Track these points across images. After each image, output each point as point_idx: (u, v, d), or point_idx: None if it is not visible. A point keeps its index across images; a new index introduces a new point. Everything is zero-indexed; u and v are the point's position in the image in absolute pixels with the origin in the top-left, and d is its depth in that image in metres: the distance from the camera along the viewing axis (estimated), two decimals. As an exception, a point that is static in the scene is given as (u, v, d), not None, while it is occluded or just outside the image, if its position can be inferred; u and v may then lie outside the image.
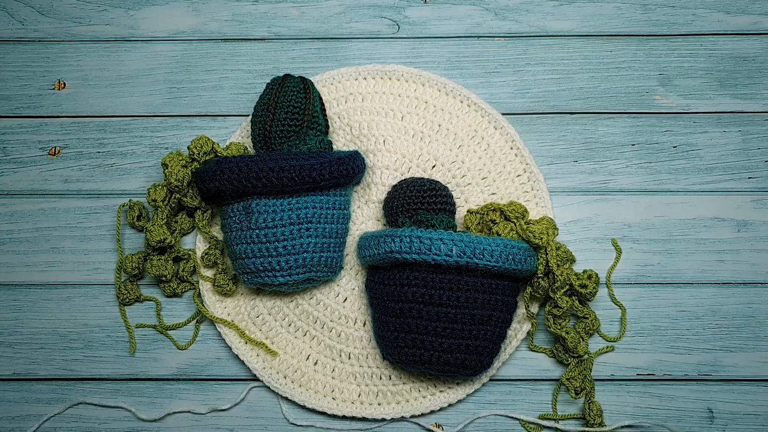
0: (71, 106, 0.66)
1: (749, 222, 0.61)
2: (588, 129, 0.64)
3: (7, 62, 0.67)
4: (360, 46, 0.67)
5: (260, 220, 0.55)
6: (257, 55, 0.67)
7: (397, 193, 0.58)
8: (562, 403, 0.57)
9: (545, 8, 0.68)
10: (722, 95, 0.65)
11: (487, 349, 0.54)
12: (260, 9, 0.69)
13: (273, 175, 0.54)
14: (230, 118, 0.65)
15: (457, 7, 0.68)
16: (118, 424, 0.57)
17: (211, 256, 0.60)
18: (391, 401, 0.57)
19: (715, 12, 0.67)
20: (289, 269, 0.55)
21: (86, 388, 0.58)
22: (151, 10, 0.69)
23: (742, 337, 0.58)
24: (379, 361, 0.58)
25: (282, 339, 0.59)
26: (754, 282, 0.60)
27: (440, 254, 0.52)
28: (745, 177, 0.62)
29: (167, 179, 0.58)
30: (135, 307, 0.60)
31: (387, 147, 0.62)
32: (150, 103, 0.66)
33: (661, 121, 0.64)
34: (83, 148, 0.65)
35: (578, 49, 0.66)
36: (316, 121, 0.59)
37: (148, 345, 0.60)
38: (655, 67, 0.66)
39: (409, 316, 0.53)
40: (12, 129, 0.65)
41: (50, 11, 0.69)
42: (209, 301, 0.59)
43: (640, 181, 0.62)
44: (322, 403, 0.57)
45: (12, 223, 0.62)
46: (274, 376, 0.58)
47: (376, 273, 0.57)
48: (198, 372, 0.59)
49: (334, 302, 0.59)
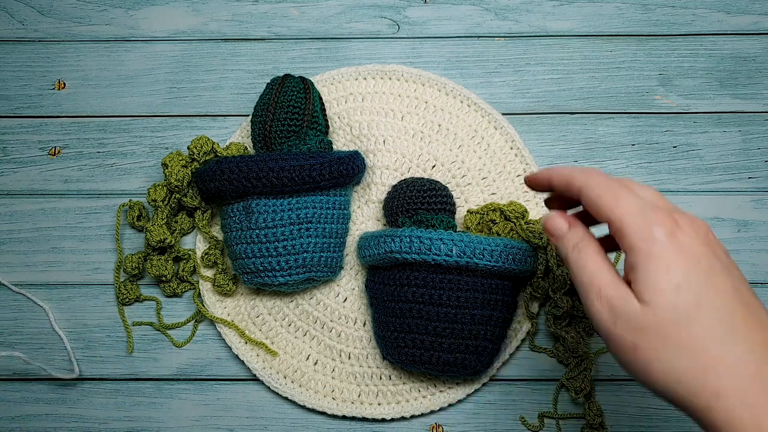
0: (71, 106, 0.66)
1: (749, 222, 0.61)
2: (588, 129, 0.64)
3: (7, 62, 0.67)
4: (360, 46, 0.67)
5: (260, 220, 0.55)
6: (257, 55, 0.67)
7: (397, 193, 0.58)
8: (562, 403, 0.57)
9: (545, 8, 0.68)
10: (722, 95, 0.65)
11: (487, 349, 0.54)
12: (260, 9, 0.69)
13: (273, 175, 0.54)
14: (230, 118, 0.65)
15: (457, 7, 0.68)
16: (118, 423, 0.58)
17: (211, 256, 0.60)
18: (391, 401, 0.57)
19: (715, 12, 0.67)
20: (289, 269, 0.55)
21: (86, 388, 0.58)
22: (151, 10, 0.69)
23: (742, 337, 0.58)
24: (379, 361, 0.58)
25: (282, 339, 0.59)
26: (754, 282, 0.60)
27: (440, 254, 0.52)
28: (745, 177, 0.62)
29: (167, 179, 0.58)
30: (135, 307, 0.60)
31: (387, 147, 0.62)
32: (150, 103, 0.66)
33: (661, 121, 0.64)
34: (83, 148, 0.65)
35: (578, 49, 0.67)
36: (316, 121, 0.59)
37: (148, 345, 0.60)
38: (655, 67, 0.66)
39: (409, 316, 0.53)
40: (12, 129, 0.65)
41: (50, 11, 0.69)
42: (209, 301, 0.59)
43: (640, 181, 0.62)
44: (322, 403, 0.57)
45: (12, 223, 0.62)
46: (274, 376, 0.58)
47: (376, 273, 0.57)
48: (198, 372, 0.59)
49: (334, 302, 0.59)
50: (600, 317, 0.37)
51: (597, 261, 0.38)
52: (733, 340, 0.34)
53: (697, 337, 0.34)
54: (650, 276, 0.35)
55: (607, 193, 0.37)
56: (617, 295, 0.36)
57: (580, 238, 0.39)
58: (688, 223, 0.37)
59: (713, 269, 0.35)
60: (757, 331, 0.34)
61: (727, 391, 0.33)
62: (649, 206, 0.37)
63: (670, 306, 0.34)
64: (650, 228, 0.36)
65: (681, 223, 0.36)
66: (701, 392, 0.33)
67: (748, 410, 0.32)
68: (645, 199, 0.38)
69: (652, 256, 0.35)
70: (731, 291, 0.35)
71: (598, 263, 0.38)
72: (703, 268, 0.35)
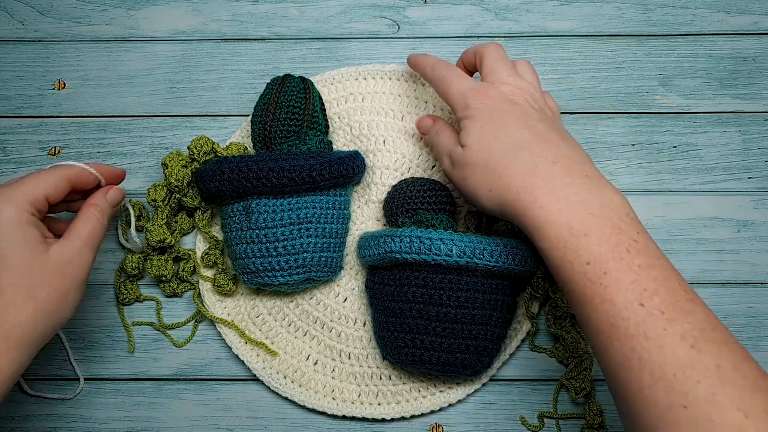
0: (71, 106, 0.66)
1: (749, 222, 0.61)
2: (588, 129, 0.64)
3: (7, 62, 0.67)
4: (360, 46, 0.67)
5: (260, 220, 0.55)
6: (257, 55, 0.67)
7: (397, 193, 0.58)
8: (562, 403, 0.57)
9: (545, 8, 0.68)
10: (722, 95, 0.65)
11: (487, 349, 0.54)
12: (260, 9, 0.69)
13: (273, 175, 0.54)
14: (230, 118, 0.65)
15: (457, 7, 0.68)
16: (118, 423, 0.58)
17: (211, 256, 0.60)
18: (391, 401, 0.57)
19: (715, 12, 0.67)
20: (289, 269, 0.55)
21: (86, 388, 0.58)
22: (151, 10, 0.69)
23: (742, 337, 0.58)
24: (379, 361, 0.58)
25: (282, 339, 0.59)
26: (754, 282, 0.60)
27: (440, 254, 0.52)
28: (745, 177, 0.62)
29: (167, 179, 0.58)
30: (135, 307, 0.60)
31: (387, 147, 0.62)
32: (150, 103, 0.66)
33: (661, 121, 0.64)
34: (83, 148, 0.65)
35: (578, 49, 0.67)
36: (316, 121, 0.59)
37: (148, 345, 0.60)
38: (655, 67, 0.66)
39: (409, 316, 0.53)
40: (12, 129, 0.65)
41: (50, 11, 0.69)
42: (209, 301, 0.59)
43: (640, 181, 0.62)
44: (322, 403, 0.57)
45: (12, 223, 0.62)
46: (274, 376, 0.58)
47: (376, 273, 0.57)
48: (198, 372, 0.59)
49: (334, 302, 0.59)
50: (446, 167, 0.54)
51: (447, 137, 0.54)
52: (520, 153, 0.48)
53: (495, 158, 0.48)
54: (466, 130, 0.51)
55: (446, 79, 0.54)
56: (452, 149, 0.53)
57: (439, 128, 0.56)
58: (498, 90, 0.52)
59: (509, 113, 0.50)
60: (541, 146, 0.48)
61: (516, 184, 0.47)
62: (470, 90, 0.52)
63: (476, 142, 0.50)
64: (466, 103, 0.52)
65: (491, 92, 0.51)
66: (505, 192, 0.47)
67: (528, 192, 0.46)
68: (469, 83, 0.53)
69: (467, 118, 0.51)
70: (522, 125, 0.49)
71: (448, 138, 0.54)
72: (500, 115, 0.50)
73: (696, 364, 0.38)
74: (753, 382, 0.38)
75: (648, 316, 0.40)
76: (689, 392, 0.37)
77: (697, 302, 0.42)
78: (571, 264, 0.43)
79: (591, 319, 0.42)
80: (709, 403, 0.37)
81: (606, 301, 0.41)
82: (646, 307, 0.40)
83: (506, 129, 0.49)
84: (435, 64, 0.56)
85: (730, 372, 0.38)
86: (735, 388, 0.37)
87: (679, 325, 0.40)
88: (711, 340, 0.39)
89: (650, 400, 0.39)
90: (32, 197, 0.47)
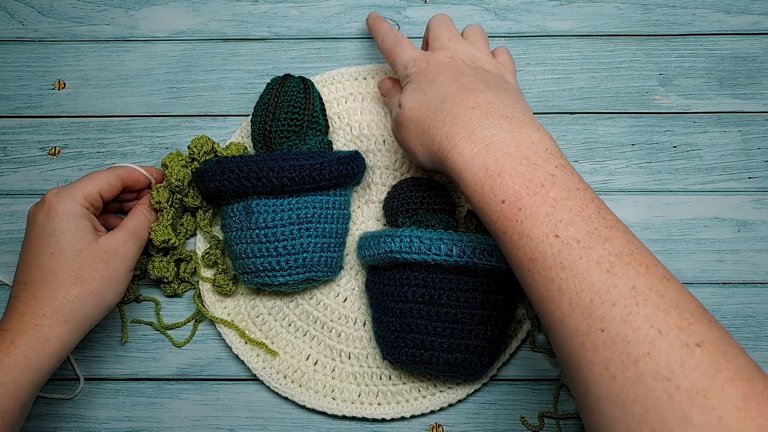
0: (71, 106, 0.66)
1: (749, 222, 0.61)
2: (588, 129, 0.64)
3: (7, 62, 0.67)
4: (360, 46, 0.67)
5: (260, 220, 0.55)
6: (257, 55, 0.67)
7: (397, 193, 0.58)
8: (562, 403, 0.57)
9: (545, 8, 0.68)
10: (722, 95, 0.65)
11: (487, 349, 0.54)
12: (260, 9, 0.69)
13: (273, 175, 0.54)
14: (230, 118, 0.65)
15: (457, 7, 0.68)
16: (118, 423, 0.58)
17: (211, 256, 0.60)
18: (391, 401, 0.57)
19: (715, 12, 0.67)
20: (289, 269, 0.55)
21: (86, 388, 0.58)
22: (151, 10, 0.69)
23: (742, 337, 0.58)
24: (379, 361, 0.58)
25: (282, 339, 0.59)
26: (754, 282, 0.60)
27: (440, 254, 0.52)
28: (745, 177, 0.62)
29: (168, 179, 0.58)
30: (135, 307, 0.60)
31: (387, 147, 0.62)
32: (150, 103, 0.66)
33: (661, 121, 0.64)
34: (83, 148, 0.65)
35: (578, 49, 0.67)
36: (316, 121, 0.59)
37: (148, 345, 0.60)
38: (655, 67, 0.66)
39: (409, 316, 0.53)
40: (12, 129, 0.65)
41: (50, 11, 0.69)
42: (209, 301, 0.59)
43: (640, 181, 0.62)
44: (322, 403, 0.57)
45: (12, 223, 0.62)
46: (274, 376, 0.58)
47: (376, 273, 0.57)
48: (198, 372, 0.59)
49: (334, 302, 0.59)
50: (391, 129, 0.56)
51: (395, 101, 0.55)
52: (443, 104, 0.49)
53: (424, 113, 0.50)
54: (403, 92, 0.53)
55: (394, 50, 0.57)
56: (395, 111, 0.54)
57: (394, 91, 0.59)
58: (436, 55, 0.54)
59: (441, 73, 0.52)
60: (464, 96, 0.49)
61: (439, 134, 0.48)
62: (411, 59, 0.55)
63: (409, 101, 0.52)
64: (407, 71, 0.54)
65: (429, 58, 0.54)
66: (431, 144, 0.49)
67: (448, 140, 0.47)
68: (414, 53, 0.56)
69: (405, 83, 0.54)
70: (451, 81, 0.51)
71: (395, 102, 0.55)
72: (434, 75, 0.52)
73: (611, 288, 0.38)
74: (670, 301, 0.38)
75: (563, 246, 0.40)
76: (605, 316, 0.38)
77: (619, 228, 0.41)
78: (488, 204, 0.44)
79: (513, 256, 0.43)
80: (624, 323, 0.37)
81: (523, 236, 0.42)
82: (561, 238, 0.41)
83: (435, 86, 0.51)
84: (385, 35, 0.59)
85: (645, 292, 0.38)
86: (649, 306, 0.37)
87: (594, 252, 0.40)
88: (627, 263, 0.39)
89: (571, 328, 0.39)
90: (87, 192, 0.54)
